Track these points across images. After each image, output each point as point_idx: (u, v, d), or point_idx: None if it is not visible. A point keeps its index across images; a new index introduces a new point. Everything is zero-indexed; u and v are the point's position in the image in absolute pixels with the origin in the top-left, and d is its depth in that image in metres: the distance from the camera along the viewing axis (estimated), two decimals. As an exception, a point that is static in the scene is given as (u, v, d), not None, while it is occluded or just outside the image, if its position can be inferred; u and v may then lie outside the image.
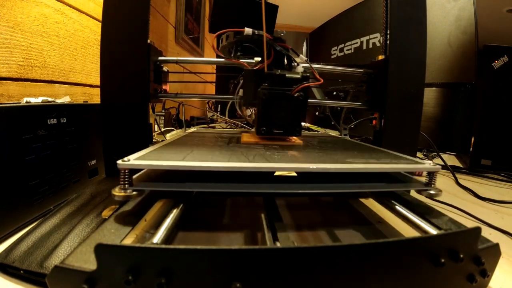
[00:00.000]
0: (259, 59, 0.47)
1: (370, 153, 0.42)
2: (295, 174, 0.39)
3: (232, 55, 0.50)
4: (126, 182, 0.30)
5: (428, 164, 0.34)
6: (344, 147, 0.49)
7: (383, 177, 0.38)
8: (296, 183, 0.34)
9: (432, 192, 0.34)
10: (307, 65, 0.48)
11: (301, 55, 0.49)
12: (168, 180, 0.33)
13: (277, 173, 0.38)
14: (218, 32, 0.49)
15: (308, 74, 0.44)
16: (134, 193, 0.30)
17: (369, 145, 0.54)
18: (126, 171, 0.30)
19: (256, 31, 0.47)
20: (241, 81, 0.52)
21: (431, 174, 0.34)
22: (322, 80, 0.45)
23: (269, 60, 0.44)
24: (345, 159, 0.35)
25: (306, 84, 0.43)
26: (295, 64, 0.47)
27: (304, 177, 0.35)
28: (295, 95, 0.42)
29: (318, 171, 0.31)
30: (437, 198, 0.59)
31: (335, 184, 0.33)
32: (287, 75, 0.44)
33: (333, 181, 0.34)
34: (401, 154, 0.42)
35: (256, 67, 0.45)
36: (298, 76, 0.44)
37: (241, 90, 0.52)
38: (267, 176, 0.36)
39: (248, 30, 0.46)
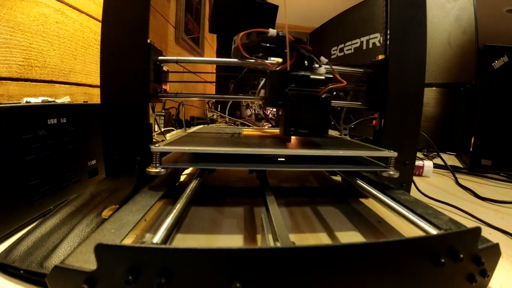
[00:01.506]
0: (279, 60, 0.48)
1: (348, 145, 0.50)
2: (283, 159, 0.48)
3: (254, 55, 0.50)
4: (157, 162, 0.39)
5: (386, 151, 0.44)
6: (330, 141, 0.55)
7: (356, 163, 0.46)
8: (284, 164, 0.44)
9: (391, 172, 0.43)
10: (328, 66, 0.48)
11: (321, 57, 0.49)
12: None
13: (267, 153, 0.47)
14: (244, 32, 0.49)
15: (331, 76, 0.45)
16: (163, 170, 0.39)
17: (353, 140, 0.64)
18: (157, 153, 0.39)
19: (280, 32, 0.47)
20: (262, 82, 0.52)
21: (389, 159, 0.43)
22: (345, 82, 0.46)
23: (291, 61, 0.45)
24: (324, 149, 0.44)
25: (333, 86, 0.44)
26: (316, 65, 0.47)
27: (290, 161, 0.46)
28: (323, 96, 0.43)
29: (298, 154, 0.43)
30: (437, 198, 0.60)
31: (313, 164, 0.44)
32: (311, 76, 0.44)
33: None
34: (373, 146, 0.50)
35: (279, 68, 0.46)
36: (322, 77, 0.44)
37: (262, 91, 0.52)
38: (262, 159, 0.45)
39: (272, 31, 0.47)
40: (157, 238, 0.27)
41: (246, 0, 1.72)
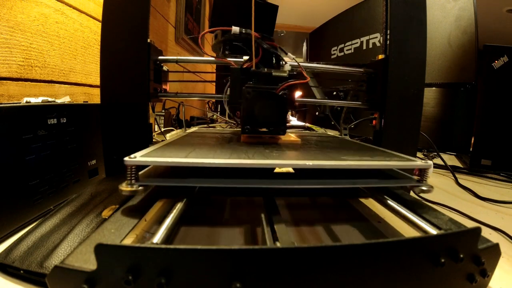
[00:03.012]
0: (247, 57, 0.47)
1: (365, 151, 0.43)
2: (292, 171, 0.41)
3: (220, 53, 0.50)
4: (132, 178, 0.31)
5: (419, 162, 0.36)
6: (341, 146, 0.50)
7: (377, 174, 0.39)
8: (294, 179, 0.35)
9: (424, 188, 0.35)
10: (295, 63, 0.48)
11: (289, 53, 0.49)
12: (172, 177, 0.34)
13: (276, 170, 0.40)
14: (204, 32, 0.49)
15: (295, 73, 0.44)
16: (140, 188, 0.31)
17: (366, 144, 0.56)
18: (133, 167, 0.31)
19: (244, 29, 0.46)
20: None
21: (423, 171, 0.36)
22: (309, 78, 0.45)
23: (257, 59, 0.44)
24: (340, 157, 0.37)
25: (291, 82, 0.43)
26: (283, 62, 0.47)
27: (301, 173, 0.37)
28: (280, 93, 0.42)
29: (313, 167, 0.33)
30: (437, 198, 0.60)
31: (330, 179, 0.35)
32: (273, 74, 0.43)
33: (329, 178, 0.36)
34: (395, 153, 0.43)
35: (245, 66, 0.45)
36: (285, 74, 0.44)
37: (229, 89, 0.51)
38: (266, 173, 0.37)
39: (235, 29, 0.46)
40: (157, 238, 0.27)
41: (246, 0, 1.72)
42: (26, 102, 0.41)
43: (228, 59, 0.49)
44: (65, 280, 0.21)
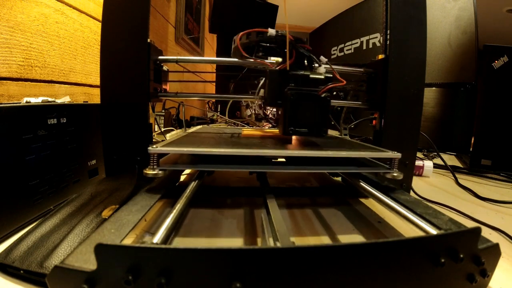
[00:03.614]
0: (279, 59, 0.48)
1: (350, 146, 0.49)
2: (283, 160, 0.47)
3: (254, 55, 0.50)
4: (155, 164, 0.38)
5: (390, 152, 0.43)
6: (331, 142, 0.54)
7: (359, 164, 0.46)
8: (285, 165, 0.43)
9: (394, 174, 0.41)
10: (327, 66, 0.48)
11: (321, 56, 0.49)
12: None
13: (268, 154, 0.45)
14: (243, 32, 0.49)
15: (330, 75, 0.45)
16: (161, 172, 0.38)
17: (354, 140, 0.63)
18: (155, 155, 0.38)
19: (279, 31, 0.47)
20: (261, 81, 0.52)
21: (393, 160, 0.42)
22: (345, 82, 0.46)
23: (290, 61, 0.45)
24: (325, 150, 0.42)
25: (332, 85, 0.44)
26: (316, 65, 0.47)
27: (291, 162, 0.45)
28: (322, 95, 0.43)
29: (299, 155, 0.41)
30: (437, 198, 0.60)
31: (314, 166, 0.43)
32: (311, 76, 0.44)
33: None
34: (373, 146, 0.49)
35: (278, 67, 0.46)
36: (322, 76, 0.44)
37: (261, 90, 0.52)
38: (262, 160, 0.45)
39: (271, 31, 0.47)
40: (157, 238, 0.27)
41: (246, 0, 1.72)
42: (26, 102, 0.41)
43: (261, 60, 0.50)
44: (65, 280, 0.21)
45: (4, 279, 0.28)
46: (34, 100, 0.43)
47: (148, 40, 0.47)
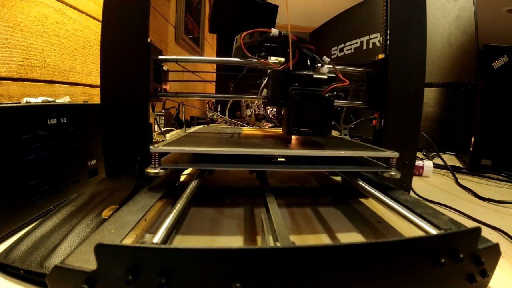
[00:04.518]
0: (281, 59, 0.48)
1: (349, 145, 0.50)
2: (283, 159, 0.48)
3: (257, 55, 0.50)
4: (156, 163, 0.38)
5: (387, 152, 0.43)
6: (331, 141, 0.55)
7: (358, 164, 0.46)
8: (284, 164, 0.44)
9: (392, 173, 0.42)
10: (330, 66, 0.48)
11: (324, 56, 0.49)
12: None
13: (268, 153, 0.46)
14: (246, 32, 0.49)
15: (333, 75, 0.45)
16: (162, 171, 0.38)
17: (353, 140, 0.63)
18: (157, 154, 0.38)
19: (282, 31, 0.47)
20: (264, 81, 0.52)
21: (391, 159, 0.42)
22: (348, 82, 0.46)
23: (293, 61, 0.45)
24: (324, 149, 0.43)
25: (335, 85, 0.44)
26: (319, 65, 0.47)
27: (290, 161, 0.46)
28: (326, 95, 0.43)
29: (299, 154, 0.42)
30: (437, 198, 0.60)
31: (313, 165, 0.43)
32: (314, 76, 0.44)
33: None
34: (372, 146, 0.49)
35: (281, 67, 0.45)
36: (325, 76, 0.44)
37: (264, 90, 0.52)
38: (262, 159, 0.45)
39: (275, 31, 0.47)
40: (157, 238, 0.27)
41: (246, 0, 1.72)
42: (26, 102, 0.41)
43: (264, 60, 0.50)
44: (65, 280, 0.21)
45: (4, 279, 0.28)
46: (34, 100, 0.43)
47: (148, 40, 0.47)
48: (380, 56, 0.54)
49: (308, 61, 0.47)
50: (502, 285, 0.31)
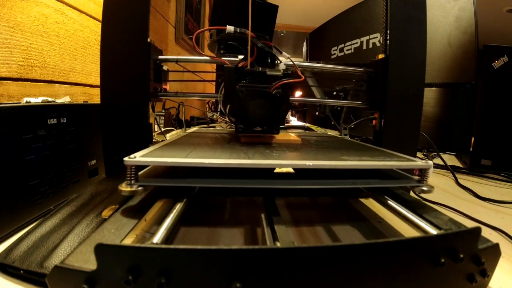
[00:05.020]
0: (241, 57, 0.47)
1: (365, 151, 0.43)
2: (292, 171, 0.41)
3: (216, 52, 0.50)
4: (132, 178, 0.31)
5: (420, 162, 0.36)
6: (340, 146, 0.50)
7: (377, 174, 0.39)
8: (294, 179, 0.35)
9: (424, 188, 0.36)
10: (290, 62, 0.47)
11: (284, 52, 0.49)
12: (172, 177, 0.34)
13: (276, 170, 0.40)
14: (198, 31, 0.49)
15: (290, 72, 0.44)
16: (140, 188, 0.31)
17: (365, 143, 0.56)
18: (133, 167, 0.31)
19: (238, 28, 0.46)
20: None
21: (423, 171, 0.36)
22: (303, 77, 0.45)
23: (252, 58, 0.44)
24: (340, 157, 0.37)
25: (285, 81, 0.43)
26: (278, 62, 0.47)
27: (301, 173, 0.38)
28: (273, 92, 0.42)
29: (313, 167, 0.33)
30: (437, 198, 0.60)
31: (330, 180, 0.35)
32: (268, 72, 0.43)
33: (329, 178, 0.36)
34: (394, 152, 0.43)
35: (239, 65, 0.45)
36: (279, 73, 0.43)
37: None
38: (266, 173, 0.37)
39: (230, 28, 0.46)
40: (157, 238, 0.27)
41: (246, 0, 1.72)
42: (26, 102, 0.41)
43: (223, 58, 0.49)
44: (65, 280, 0.21)
45: (4, 279, 0.28)
46: (34, 100, 0.43)
47: (148, 40, 0.47)
48: (380, 56, 0.54)
49: (269, 59, 0.46)
50: (502, 285, 0.31)
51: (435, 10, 1.28)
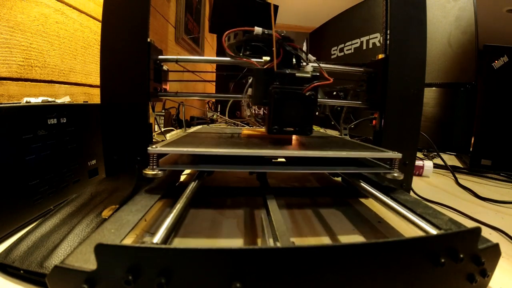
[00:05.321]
0: (267, 58, 0.48)
1: (351, 146, 0.49)
2: (284, 160, 0.47)
3: (241, 54, 0.50)
4: (154, 164, 0.38)
5: (390, 152, 0.42)
6: (330, 141, 0.55)
7: (356, 163, 0.45)
8: (285, 165, 0.43)
9: (395, 174, 0.41)
10: (316, 64, 0.48)
11: (309, 54, 0.49)
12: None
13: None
14: (228, 31, 0.49)
15: (317, 74, 0.45)
16: (160, 172, 0.38)
17: (354, 140, 0.62)
18: (155, 155, 0.38)
19: (266, 30, 0.47)
20: (250, 81, 0.51)
21: (393, 160, 0.42)
22: (331, 80, 0.45)
23: (278, 59, 0.44)
24: (326, 150, 0.42)
25: (317, 83, 0.43)
26: (304, 63, 0.47)
27: (291, 162, 0.45)
28: (307, 94, 0.43)
29: (299, 155, 0.40)
30: (437, 198, 0.60)
31: (314, 166, 0.42)
32: (297, 74, 0.44)
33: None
34: (374, 146, 0.49)
35: (266, 66, 0.45)
36: (308, 75, 0.44)
37: (249, 89, 0.52)
38: (262, 160, 0.44)
39: (258, 29, 0.46)
40: (157, 238, 0.27)
41: (246, 0, 1.72)
42: (26, 102, 0.41)
43: (247, 59, 0.49)
44: (65, 280, 0.21)
45: (4, 279, 0.28)
46: (34, 100, 0.43)
47: (148, 40, 0.47)
48: (380, 56, 0.54)
49: (294, 60, 0.46)
50: (502, 285, 0.31)
51: (435, 10, 1.28)
